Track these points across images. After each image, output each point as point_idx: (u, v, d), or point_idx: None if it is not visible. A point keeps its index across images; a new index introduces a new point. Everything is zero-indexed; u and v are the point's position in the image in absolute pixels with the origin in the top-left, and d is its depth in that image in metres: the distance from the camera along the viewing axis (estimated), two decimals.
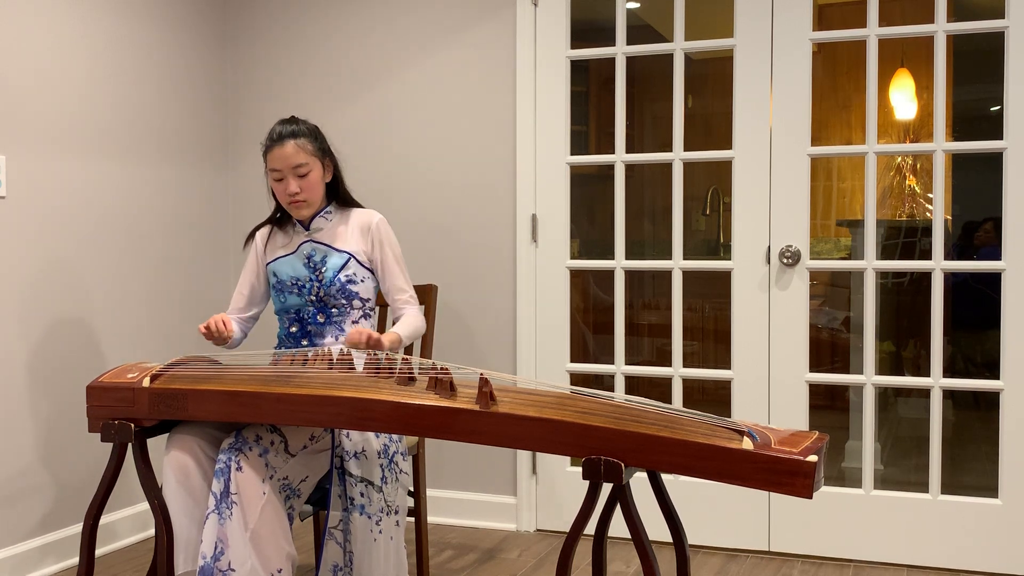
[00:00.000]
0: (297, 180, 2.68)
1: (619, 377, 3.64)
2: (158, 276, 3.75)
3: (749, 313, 3.46)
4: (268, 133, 2.73)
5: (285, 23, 4.03)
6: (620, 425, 2.01)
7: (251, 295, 2.87)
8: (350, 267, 2.71)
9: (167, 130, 3.79)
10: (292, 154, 2.67)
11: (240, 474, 2.35)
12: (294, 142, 2.68)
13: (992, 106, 3.79)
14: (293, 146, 2.67)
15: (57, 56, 3.32)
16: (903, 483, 3.90)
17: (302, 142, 2.69)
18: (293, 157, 2.67)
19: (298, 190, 2.68)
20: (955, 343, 5.30)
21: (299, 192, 2.69)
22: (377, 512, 2.55)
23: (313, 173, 2.71)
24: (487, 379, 2.12)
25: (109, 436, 2.41)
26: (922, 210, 5.87)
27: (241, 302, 2.87)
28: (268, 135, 2.73)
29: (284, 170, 2.68)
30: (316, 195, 2.73)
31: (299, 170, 2.68)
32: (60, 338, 3.34)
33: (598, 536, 2.18)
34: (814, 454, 1.88)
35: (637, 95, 5.77)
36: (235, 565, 2.31)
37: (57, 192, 3.33)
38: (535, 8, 3.66)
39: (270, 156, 2.70)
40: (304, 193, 2.69)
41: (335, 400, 2.21)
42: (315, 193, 2.72)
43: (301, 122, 2.74)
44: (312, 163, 2.70)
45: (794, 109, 3.38)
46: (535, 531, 3.75)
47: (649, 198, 5.97)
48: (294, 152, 2.67)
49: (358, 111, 3.93)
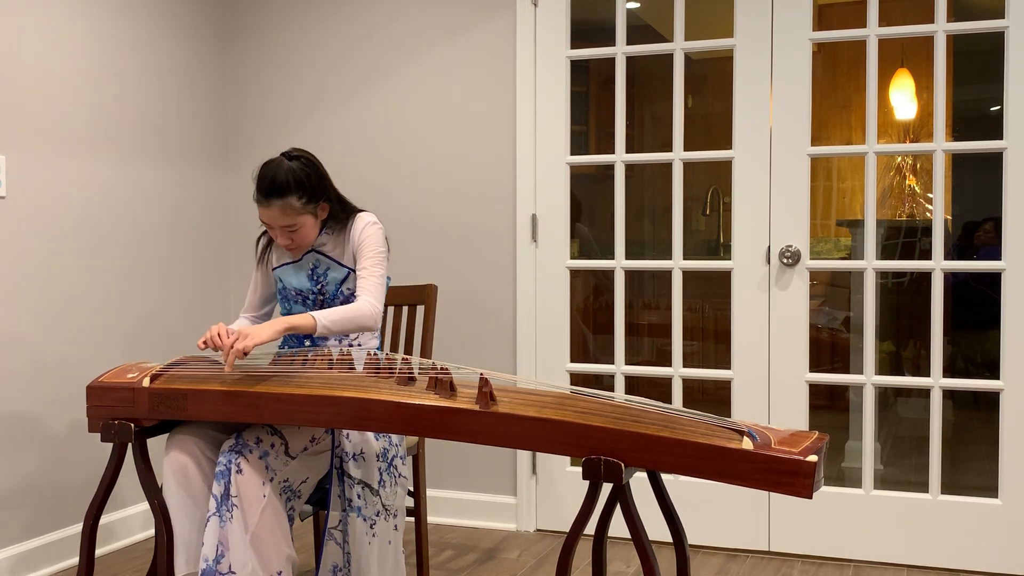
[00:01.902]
0: (288, 234, 2.58)
1: (619, 377, 3.64)
2: (158, 276, 3.75)
3: (749, 313, 3.45)
4: (257, 176, 2.54)
5: (285, 23, 4.03)
6: (620, 425, 2.01)
7: (264, 295, 2.83)
8: (351, 280, 2.67)
9: (168, 130, 3.79)
10: (279, 216, 2.52)
11: (240, 476, 2.35)
12: (280, 203, 2.50)
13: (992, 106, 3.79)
14: (279, 208, 2.51)
15: (58, 56, 3.32)
16: (903, 483, 3.90)
17: (289, 201, 2.51)
18: (280, 219, 2.53)
19: (289, 242, 2.59)
20: (955, 343, 5.30)
21: (291, 243, 2.60)
22: (372, 515, 2.55)
23: (304, 227, 2.57)
24: (487, 379, 2.12)
25: (109, 436, 2.41)
26: (922, 210, 5.87)
27: (255, 300, 2.84)
28: (256, 181, 2.54)
29: (273, 226, 2.58)
30: (309, 240, 2.62)
31: (288, 228, 2.56)
32: (60, 338, 3.34)
33: (598, 536, 2.18)
34: (814, 454, 1.88)
35: (637, 95, 5.77)
36: (236, 568, 2.31)
37: (57, 192, 3.33)
38: (535, 8, 3.66)
39: (259, 209, 2.56)
40: (296, 243, 2.60)
41: (335, 400, 2.21)
42: (308, 240, 2.61)
43: (286, 169, 2.51)
44: (302, 219, 2.55)
45: (794, 109, 3.38)
46: (535, 531, 3.75)
47: (649, 198, 5.97)
48: (281, 214, 2.52)
49: (358, 111, 3.93)
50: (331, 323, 2.45)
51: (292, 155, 2.56)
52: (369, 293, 2.55)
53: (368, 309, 2.51)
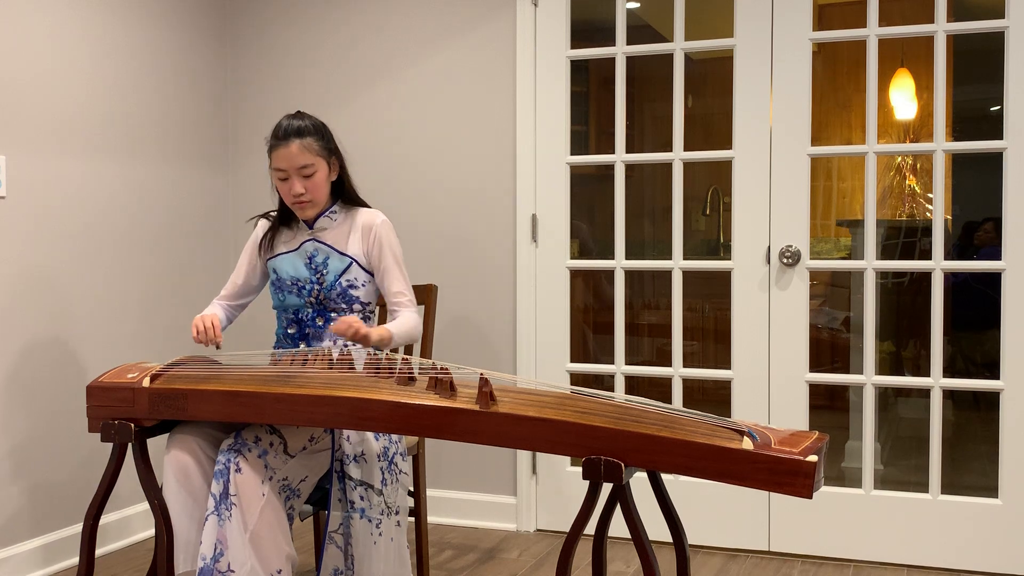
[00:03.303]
0: (302, 180, 2.62)
1: (619, 377, 3.64)
2: (158, 275, 3.75)
3: (749, 313, 3.46)
4: (273, 129, 2.65)
5: (286, 23, 4.03)
6: (620, 425, 2.01)
7: (245, 286, 2.83)
8: (352, 272, 2.68)
9: (167, 130, 3.79)
10: (297, 154, 2.60)
11: (239, 475, 2.34)
12: (299, 141, 2.60)
13: (992, 106, 3.79)
14: (298, 146, 2.60)
15: (57, 56, 3.32)
16: (903, 483, 3.89)
17: (308, 141, 2.61)
18: (298, 157, 2.61)
19: (303, 191, 2.62)
20: (955, 343, 5.30)
21: (304, 192, 2.63)
22: (377, 515, 2.55)
23: (319, 173, 2.64)
24: (487, 379, 2.12)
25: (109, 436, 2.41)
26: (922, 210, 5.87)
27: (233, 290, 2.83)
28: (273, 131, 2.65)
29: (289, 170, 2.61)
30: (321, 195, 2.67)
31: (304, 170, 2.61)
32: (60, 337, 3.34)
33: (598, 536, 2.18)
34: (814, 454, 1.88)
35: (637, 95, 5.76)
36: (235, 566, 2.31)
37: (57, 192, 3.33)
38: (535, 8, 3.66)
39: (274, 155, 2.63)
40: (309, 193, 2.64)
41: (335, 400, 2.21)
42: (320, 193, 2.66)
43: (308, 117, 2.66)
44: (318, 163, 2.63)
45: (794, 109, 3.38)
46: (535, 531, 3.75)
47: (649, 198, 5.97)
48: (299, 152, 2.60)
49: (358, 110, 3.93)
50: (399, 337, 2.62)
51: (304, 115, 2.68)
52: (410, 306, 2.72)
53: (420, 322, 2.73)
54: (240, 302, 2.85)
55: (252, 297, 2.87)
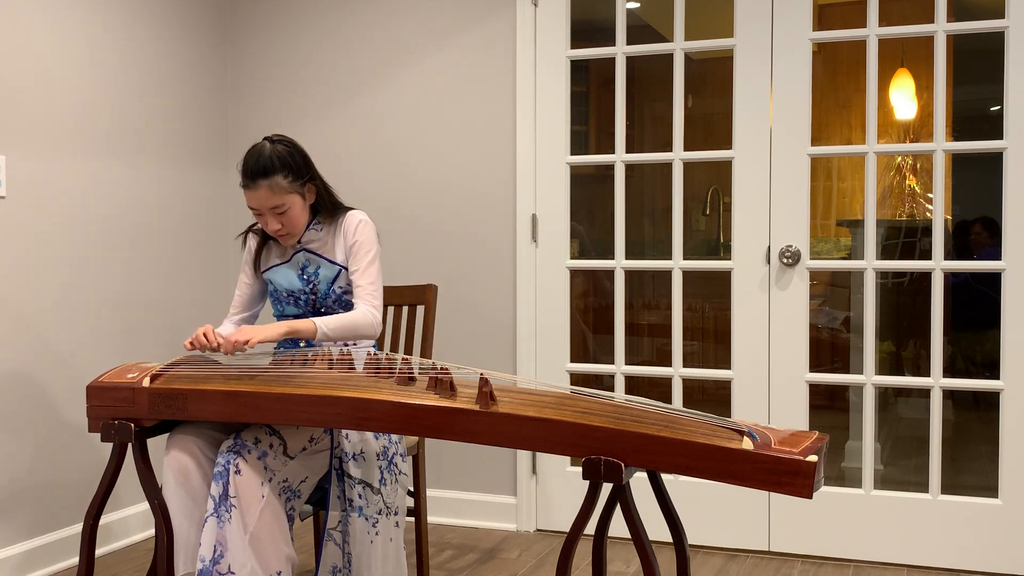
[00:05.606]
0: (276, 217, 2.57)
1: (619, 377, 3.64)
2: (158, 275, 3.75)
3: (749, 313, 3.46)
4: (241, 165, 2.54)
5: (285, 23, 4.03)
6: (620, 425, 2.01)
7: (251, 298, 2.81)
8: (343, 278, 2.66)
9: (168, 130, 3.79)
10: (266, 197, 2.52)
11: (239, 477, 2.34)
12: (266, 183, 2.51)
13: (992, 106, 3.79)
14: (266, 188, 2.51)
15: (58, 56, 3.32)
16: (903, 483, 3.90)
17: (275, 180, 2.51)
18: (268, 199, 2.52)
19: (279, 226, 2.58)
20: (955, 343, 5.30)
21: (281, 227, 2.58)
22: (375, 514, 2.55)
23: (292, 208, 2.56)
24: (487, 379, 2.12)
25: (109, 436, 2.41)
26: (922, 210, 5.87)
27: (240, 303, 2.83)
28: (241, 167, 2.54)
29: (261, 209, 2.56)
30: (299, 225, 2.61)
31: (277, 209, 2.55)
32: (60, 337, 3.34)
33: (598, 536, 2.17)
34: (814, 454, 1.88)
35: (637, 95, 5.77)
36: (234, 568, 2.31)
37: (57, 192, 3.33)
38: (535, 8, 3.66)
39: (246, 194, 2.56)
40: (286, 227, 2.59)
41: (335, 400, 2.21)
42: (298, 224, 2.61)
43: (275, 147, 2.54)
44: (289, 199, 2.54)
45: (794, 109, 3.38)
46: (535, 531, 3.75)
47: (649, 198, 5.97)
48: (268, 195, 2.51)
49: (358, 110, 3.93)
50: (331, 330, 2.50)
51: (274, 139, 2.58)
52: (367, 300, 2.59)
53: (368, 318, 2.56)
54: (250, 313, 2.84)
55: (260, 306, 2.85)
